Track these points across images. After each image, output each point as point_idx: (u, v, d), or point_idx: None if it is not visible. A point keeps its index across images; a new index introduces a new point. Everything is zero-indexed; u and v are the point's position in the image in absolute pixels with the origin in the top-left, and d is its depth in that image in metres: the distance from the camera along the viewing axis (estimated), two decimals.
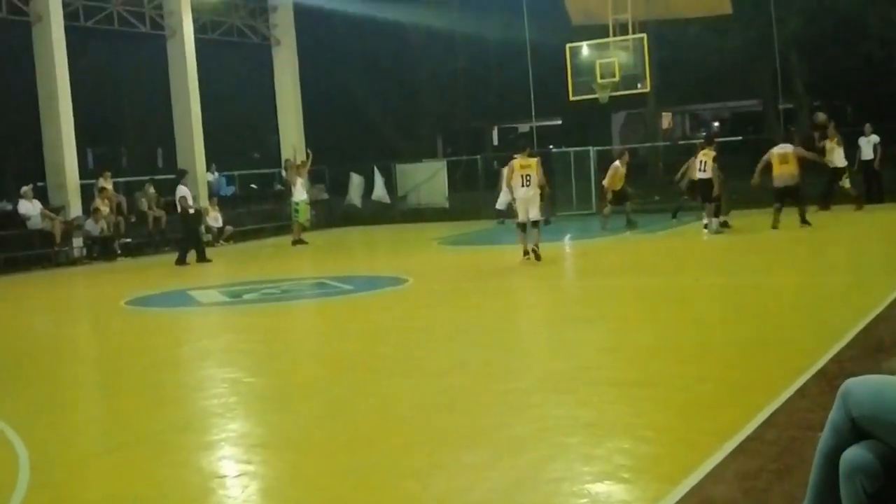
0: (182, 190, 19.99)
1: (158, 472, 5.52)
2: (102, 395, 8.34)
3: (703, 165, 18.27)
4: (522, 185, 15.25)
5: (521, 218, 15.35)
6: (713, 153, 18.25)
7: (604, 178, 21.35)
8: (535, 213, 15.23)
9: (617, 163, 20.94)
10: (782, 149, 18.06)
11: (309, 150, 25.79)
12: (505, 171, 16.46)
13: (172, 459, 5.79)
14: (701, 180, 18.40)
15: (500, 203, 23.45)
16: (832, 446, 3.26)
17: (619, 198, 20.80)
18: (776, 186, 17.83)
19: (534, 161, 15.35)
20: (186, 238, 20.34)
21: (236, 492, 5.08)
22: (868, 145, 22.05)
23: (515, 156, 15.44)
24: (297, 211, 22.77)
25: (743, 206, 23.55)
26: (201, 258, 19.83)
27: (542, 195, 15.63)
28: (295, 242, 22.59)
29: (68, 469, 5.74)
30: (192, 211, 20.23)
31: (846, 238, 17.42)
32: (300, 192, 22.70)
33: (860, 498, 3.11)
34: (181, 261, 19.50)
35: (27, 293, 17.34)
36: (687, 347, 8.21)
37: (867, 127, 22.38)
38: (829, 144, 21.30)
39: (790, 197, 17.77)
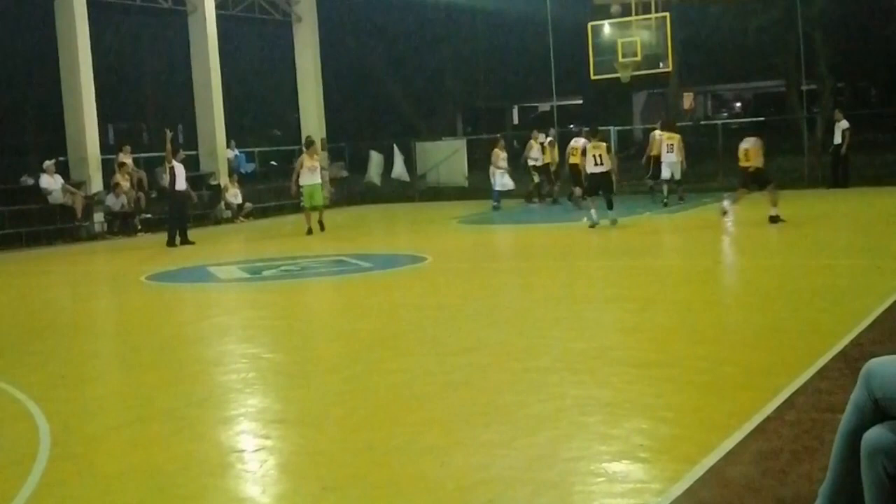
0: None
1: (177, 445, 5.55)
2: (122, 370, 8.38)
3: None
4: (596, 164, 17.66)
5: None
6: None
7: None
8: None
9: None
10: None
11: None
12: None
13: (191, 434, 5.82)
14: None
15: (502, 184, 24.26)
16: (854, 426, 3.24)
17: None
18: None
19: (603, 144, 17.84)
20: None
21: (254, 466, 5.10)
22: (838, 131, 23.02)
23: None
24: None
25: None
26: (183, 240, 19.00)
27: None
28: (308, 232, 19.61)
29: (88, 442, 5.78)
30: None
31: (855, 222, 17.27)
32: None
33: (881, 478, 3.10)
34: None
35: (48, 267, 17.44)
36: (706, 329, 8.19)
37: (837, 113, 23.55)
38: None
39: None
